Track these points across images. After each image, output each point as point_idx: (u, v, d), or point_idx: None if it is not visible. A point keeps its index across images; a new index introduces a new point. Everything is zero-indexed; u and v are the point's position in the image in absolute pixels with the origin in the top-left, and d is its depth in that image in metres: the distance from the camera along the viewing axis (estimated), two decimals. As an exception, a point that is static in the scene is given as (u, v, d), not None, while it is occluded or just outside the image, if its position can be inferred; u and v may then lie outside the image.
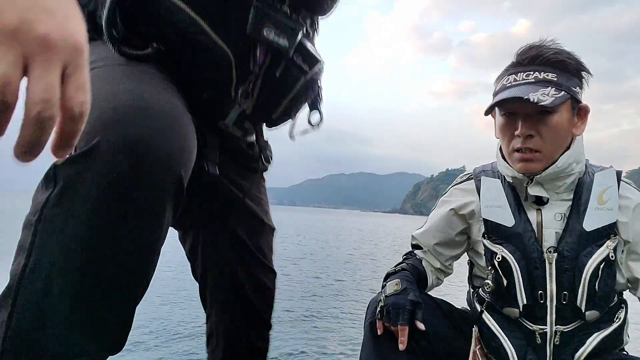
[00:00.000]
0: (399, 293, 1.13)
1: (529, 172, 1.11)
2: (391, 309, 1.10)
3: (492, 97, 1.16)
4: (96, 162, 0.55)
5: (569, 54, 1.09)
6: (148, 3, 0.72)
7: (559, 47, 1.10)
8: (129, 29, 0.73)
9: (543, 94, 1.03)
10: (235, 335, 1.20)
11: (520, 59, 1.12)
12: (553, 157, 1.10)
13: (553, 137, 1.08)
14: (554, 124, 1.07)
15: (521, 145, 1.09)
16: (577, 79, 1.09)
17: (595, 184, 1.13)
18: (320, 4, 0.93)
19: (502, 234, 1.17)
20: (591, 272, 1.07)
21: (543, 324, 1.13)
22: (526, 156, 1.09)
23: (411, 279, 1.20)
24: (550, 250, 1.11)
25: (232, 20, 0.78)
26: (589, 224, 1.10)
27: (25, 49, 0.35)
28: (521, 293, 1.13)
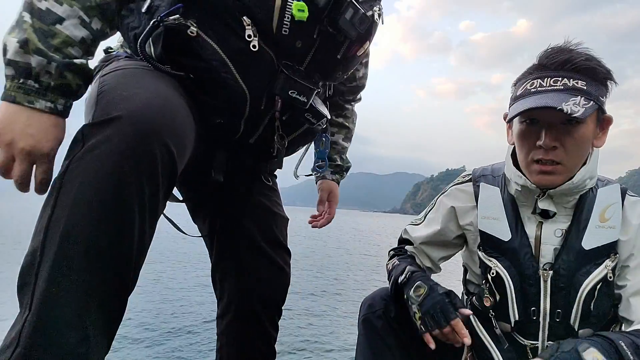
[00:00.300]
0: (428, 294, 1.05)
1: (548, 185, 1.05)
2: (433, 312, 1.02)
3: (511, 100, 1.08)
4: (116, 128, 0.69)
5: (599, 62, 1.01)
6: (191, 40, 0.87)
7: (588, 52, 1.02)
8: (166, 54, 0.88)
9: (575, 104, 0.94)
10: (247, 318, 1.23)
11: (547, 62, 1.02)
12: (573, 170, 1.03)
13: (577, 149, 1.01)
14: (579, 136, 1.00)
15: (543, 156, 1.01)
16: (604, 88, 1.02)
17: (598, 200, 1.07)
18: (332, 73, 1.08)
19: (498, 248, 1.13)
20: (587, 292, 1.04)
21: (535, 339, 1.10)
22: (546, 168, 1.02)
23: (425, 275, 1.14)
24: (546, 268, 1.08)
25: (256, 70, 0.94)
26: (589, 242, 1.05)
27: (14, 152, 0.74)
28: (513, 309, 1.10)
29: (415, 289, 1.07)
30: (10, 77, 0.73)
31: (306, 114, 1.04)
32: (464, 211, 1.24)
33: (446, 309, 1.01)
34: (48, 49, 0.74)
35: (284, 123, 1.06)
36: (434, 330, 1.02)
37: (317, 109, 1.05)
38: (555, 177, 1.03)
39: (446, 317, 1.01)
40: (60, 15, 0.76)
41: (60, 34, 0.76)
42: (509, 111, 1.06)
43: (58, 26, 0.76)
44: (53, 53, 0.74)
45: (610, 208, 1.06)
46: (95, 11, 0.81)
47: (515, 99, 1.06)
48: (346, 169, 1.61)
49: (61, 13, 0.76)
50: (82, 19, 0.79)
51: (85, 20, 0.79)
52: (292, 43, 0.94)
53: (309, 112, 1.04)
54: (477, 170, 1.26)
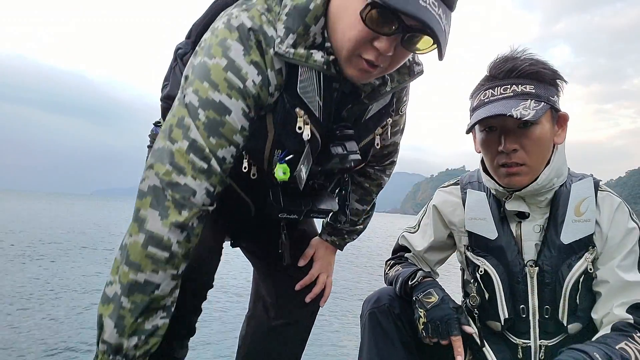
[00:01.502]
0: (438, 304, 1.08)
1: (518, 186, 1.09)
2: (439, 322, 1.05)
3: (470, 112, 1.14)
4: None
5: (544, 64, 1.07)
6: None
7: (532, 56, 1.08)
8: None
9: (524, 108, 1.00)
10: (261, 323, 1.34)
11: (496, 72, 1.09)
12: (539, 169, 1.08)
13: (537, 149, 1.06)
14: (536, 136, 1.05)
15: (506, 160, 1.06)
16: (554, 88, 1.07)
17: (572, 195, 1.11)
18: (333, 176, 1.15)
19: (485, 247, 1.16)
20: (571, 285, 1.06)
21: (527, 338, 1.12)
22: (512, 170, 1.07)
23: (438, 284, 1.17)
24: (531, 264, 1.10)
25: (257, 190, 1.08)
26: (567, 236, 1.08)
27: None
28: (502, 307, 1.12)
29: (427, 295, 1.10)
30: (102, 352, 0.82)
31: (310, 214, 1.11)
32: (449, 209, 1.28)
33: (451, 324, 1.04)
34: (142, 333, 0.82)
35: (288, 222, 1.19)
36: (434, 339, 1.06)
37: (318, 209, 1.09)
38: (522, 177, 1.07)
39: (449, 331, 1.04)
40: (157, 283, 0.82)
41: (157, 297, 0.83)
42: (469, 122, 1.11)
43: (156, 292, 0.82)
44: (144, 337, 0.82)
45: (584, 202, 1.10)
46: (184, 260, 0.87)
47: (472, 110, 1.12)
48: (351, 233, 1.35)
49: (159, 281, 0.82)
50: (173, 275, 0.85)
51: (175, 273, 0.85)
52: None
53: (310, 215, 1.11)
54: (464, 177, 1.30)
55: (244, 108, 0.82)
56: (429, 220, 1.33)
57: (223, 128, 0.81)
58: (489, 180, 1.15)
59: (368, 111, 0.98)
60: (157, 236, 0.80)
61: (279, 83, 0.85)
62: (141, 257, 0.79)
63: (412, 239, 1.35)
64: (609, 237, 1.07)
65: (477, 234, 1.18)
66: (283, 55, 0.80)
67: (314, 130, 0.90)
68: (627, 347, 0.94)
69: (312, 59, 0.82)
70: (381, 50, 0.77)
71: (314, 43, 0.83)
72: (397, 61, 0.84)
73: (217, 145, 0.81)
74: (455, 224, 1.26)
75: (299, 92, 0.85)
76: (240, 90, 0.81)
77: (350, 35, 0.78)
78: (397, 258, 1.36)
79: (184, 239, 0.82)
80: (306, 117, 0.86)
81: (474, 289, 1.17)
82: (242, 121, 0.83)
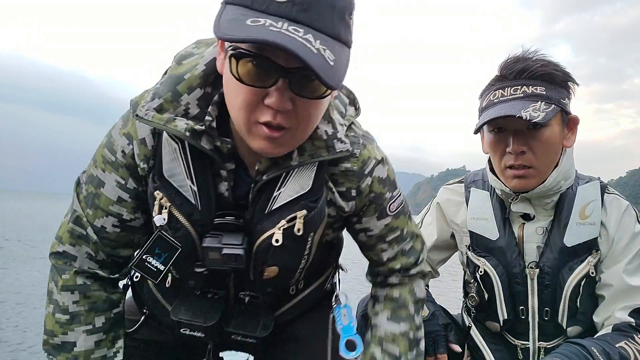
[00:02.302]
0: (428, 319, 1.07)
1: (524, 188, 1.07)
2: (426, 337, 1.02)
3: (479, 112, 1.12)
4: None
5: (556, 65, 1.05)
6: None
7: (544, 57, 1.06)
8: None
9: (534, 110, 0.99)
10: None
11: (506, 73, 1.07)
12: (546, 172, 1.06)
13: (545, 151, 1.04)
14: (545, 139, 1.03)
15: (514, 162, 1.05)
16: (565, 90, 1.06)
17: (578, 197, 1.09)
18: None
19: (486, 247, 1.16)
20: (572, 288, 1.05)
21: (526, 339, 1.12)
22: (519, 173, 1.05)
23: (431, 297, 1.16)
24: (532, 266, 1.09)
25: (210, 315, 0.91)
26: (570, 239, 1.07)
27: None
28: (502, 308, 1.12)
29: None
30: None
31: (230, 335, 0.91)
32: (452, 208, 1.27)
33: (439, 341, 1.04)
34: None
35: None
36: None
37: (230, 330, 0.90)
38: (528, 180, 1.06)
39: (435, 348, 1.03)
40: (73, 341, 0.85)
41: (79, 353, 0.85)
42: (478, 122, 1.10)
43: (75, 349, 0.85)
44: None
45: (590, 205, 1.08)
46: (92, 314, 0.87)
47: (481, 110, 1.10)
48: None
49: (73, 339, 0.85)
50: (87, 330, 0.87)
51: (90, 328, 0.87)
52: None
53: (228, 336, 0.92)
54: (469, 175, 1.29)
55: (118, 179, 0.83)
56: (432, 219, 1.32)
57: (98, 200, 0.84)
58: (496, 180, 1.14)
59: (274, 199, 0.80)
60: (55, 301, 0.87)
61: (143, 153, 0.80)
62: (52, 324, 0.86)
63: None
64: (615, 240, 1.06)
65: (478, 233, 1.18)
66: (142, 118, 0.74)
67: (181, 218, 0.79)
68: (626, 346, 0.94)
69: (173, 124, 0.73)
70: (274, 106, 0.66)
71: (186, 113, 0.75)
72: (308, 118, 0.71)
73: (93, 216, 0.85)
74: (457, 224, 1.25)
75: (164, 174, 0.78)
76: (112, 163, 0.83)
77: (237, 102, 0.68)
78: None
79: (80, 298, 0.87)
80: (165, 201, 0.78)
81: (473, 289, 1.17)
82: (117, 192, 0.84)
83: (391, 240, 0.95)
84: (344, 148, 0.81)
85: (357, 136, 0.86)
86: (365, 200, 0.89)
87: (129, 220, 0.86)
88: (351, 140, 0.84)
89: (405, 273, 0.98)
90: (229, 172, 0.80)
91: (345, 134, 0.83)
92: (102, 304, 0.89)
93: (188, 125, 0.74)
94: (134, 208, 0.85)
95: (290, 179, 0.80)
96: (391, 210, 0.92)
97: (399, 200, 0.93)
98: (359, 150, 0.85)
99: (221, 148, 0.78)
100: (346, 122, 0.85)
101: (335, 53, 0.63)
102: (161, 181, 0.78)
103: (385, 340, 0.93)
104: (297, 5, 0.62)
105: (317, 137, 0.79)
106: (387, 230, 0.93)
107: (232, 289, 0.91)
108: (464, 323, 1.24)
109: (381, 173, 0.89)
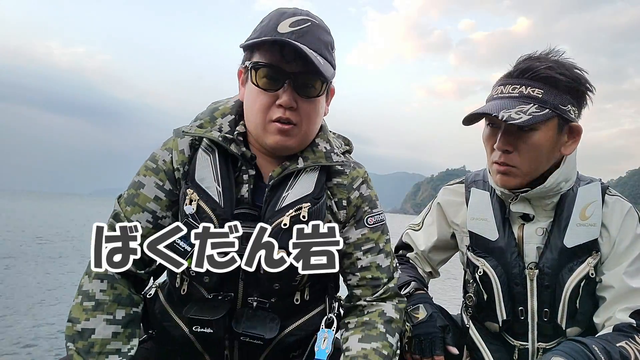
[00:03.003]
0: (426, 321, 1.07)
1: (506, 186, 1.07)
2: (423, 339, 1.04)
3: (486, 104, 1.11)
4: None
5: (567, 70, 1.02)
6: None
7: (557, 60, 1.03)
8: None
9: (519, 111, 0.97)
10: None
11: (513, 70, 1.06)
12: (532, 174, 1.06)
13: (532, 155, 1.03)
14: (533, 142, 1.02)
15: (498, 159, 1.05)
16: (568, 96, 1.03)
17: (579, 198, 1.09)
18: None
19: (485, 247, 1.15)
20: (571, 289, 1.05)
21: (525, 340, 1.11)
22: (502, 169, 1.06)
23: (430, 298, 1.16)
24: (531, 267, 1.09)
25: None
26: (570, 240, 1.06)
27: None
28: (501, 308, 1.11)
29: (416, 309, 1.09)
30: None
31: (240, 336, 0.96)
32: (453, 208, 1.27)
33: (436, 343, 1.04)
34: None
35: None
36: (416, 355, 1.04)
37: (242, 332, 0.95)
38: (509, 178, 1.06)
39: (432, 350, 1.03)
40: (92, 328, 0.90)
41: (97, 340, 0.90)
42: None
43: (93, 336, 0.90)
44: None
45: (590, 206, 1.08)
46: (114, 305, 0.93)
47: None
48: None
49: (93, 326, 0.90)
50: (107, 319, 0.92)
51: (110, 318, 0.92)
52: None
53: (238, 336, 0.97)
54: (469, 175, 1.29)
55: (157, 181, 1.00)
56: (432, 219, 1.32)
57: (138, 198, 0.99)
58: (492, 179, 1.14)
59: (284, 198, 0.96)
60: (85, 291, 0.93)
61: (180, 159, 0.99)
62: (78, 311, 0.92)
63: (416, 238, 1.34)
64: (616, 242, 1.06)
65: (478, 234, 1.17)
66: (187, 132, 0.97)
67: (206, 208, 0.93)
68: (627, 346, 0.94)
69: (210, 133, 0.96)
70: (284, 104, 0.90)
71: (220, 130, 0.98)
72: (308, 115, 0.94)
73: (131, 212, 0.98)
74: (458, 224, 1.25)
75: (196, 179, 0.96)
76: (154, 169, 1.01)
77: (256, 107, 0.92)
78: (399, 257, 1.35)
79: (107, 287, 0.94)
80: (194, 196, 0.94)
81: (473, 289, 1.17)
82: (155, 192, 0.99)
83: (366, 250, 1.05)
84: (340, 159, 1.02)
85: (349, 161, 1.08)
86: (352, 211, 1.05)
87: (161, 218, 0.99)
88: (344, 162, 1.04)
89: (376, 291, 1.04)
90: (250, 177, 0.98)
91: (340, 154, 1.05)
92: (125, 298, 0.95)
93: (221, 134, 0.97)
94: (167, 206, 1.00)
95: (297, 182, 0.98)
96: (369, 222, 1.06)
97: (377, 217, 1.08)
98: (349, 170, 1.05)
99: (245, 154, 0.98)
100: (342, 149, 1.09)
101: (324, 60, 0.91)
102: (193, 183, 0.96)
103: (357, 357, 0.94)
104: (294, 34, 0.88)
105: (319, 150, 1.02)
106: (364, 240, 1.05)
107: (241, 292, 0.99)
108: (464, 323, 1.24)
109: (364, 191, 1.07)
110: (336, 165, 1.02)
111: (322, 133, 1.05)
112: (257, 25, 0.95)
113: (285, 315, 1.01)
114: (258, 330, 0.95)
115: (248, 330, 0.95)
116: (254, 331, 0.95)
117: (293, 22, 0.90)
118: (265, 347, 1.01)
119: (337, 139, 1.12)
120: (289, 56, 0.89)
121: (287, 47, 0.87)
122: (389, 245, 1.09)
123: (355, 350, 0.95)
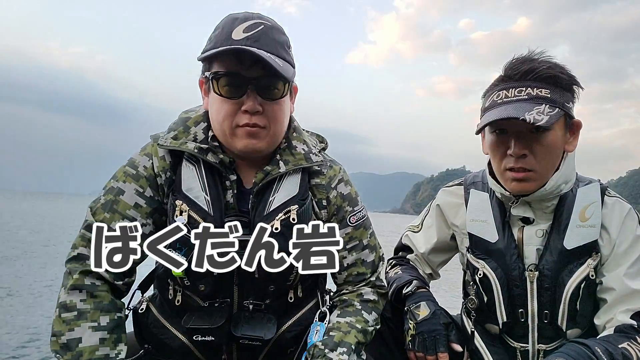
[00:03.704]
0: (429, 318, 1.07)
1: (523, 191, 1.06)
2: (427, 336, 1.04)
3: (481, 112, 1.10)
4: None
5: (562, 68, 1.03)
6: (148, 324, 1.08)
7: (550, 59, 1.04)
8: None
9: (538, 112, 0.97)
10: None
11: (512, 73, 1.04)
12: (547, 176, 1.05)
13: (547, 155, 1.03)
14: (548, 142, 1.01)
15: (514, 164, 1.03)
16: (569, 94, 1.04)
17: (578, 200, 1.08)
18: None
19: (485, 249, 1.15)
20: (572, 291, 1.05)
21: (525, 342, 1.11)
22: (519, 176, 1.04)
23: (432, 296, 1.15)
24: (531, 269, 1.08)
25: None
26: (570, 241, 1.06)
27: None
28: (501, 310, 1.11)
29: (418, 307, 1.09)
30: None
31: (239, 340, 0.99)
32: (452, 209, 1.26)
33: (439, 340, 1.04)
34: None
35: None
36: (419, 352, 1.05)
37: (241, 335, 0.98)
38: (528, 183, 1.04)
39: (436, 347, 1.03)
40: (78, 337, 0.89)
41: (84, 349, 0.89)
42: (480, 122, 1.08)
43: (80, 345, 0.89)
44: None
45: (590, 207, 1.07)
46: (97, 312, 0.92)
47: (484, 110, 1.08)
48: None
49: (79, 335, 0.89)
50: (92, 326, 0.90)
51: (95, 325, 0.91)
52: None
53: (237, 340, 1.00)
54: (468, 177, 1.28)
55: (137, 188, 0.99)
56: (432, 221, 1.31)
57: (117, 205, 0.97)
58: (495, 184, 1.13)
59: (270, 203, 0.98)
60: (63, 303, 0.92)
61: (162, 165, 0.99)
62: (59, 325, 0.90)
63: (416, 240, 1.33)
64: (617, 244, 1.05)
65: (478, 235, 1.17)
66: (162, 145, 0.98)
67: (197, 218, 0.94)
68: (629, 347, 0.94)
69: (185, 146, 0.97)
70: (250, 110, 0.91)
71: (195, 139, 0.99)
72: (275, 117, 0.95)
73: (110, 219, 0.95)
74: (457, 225, 1.25)
75: (182, 189, 0.96)
76: (134, 175, 0.99)
77: (221, 115, 0.93)
78: (399, 259, 1.35)
79: (87, 296, 0.92)
80: (184, 207, 0.94)
81: (473, 291, 1.16)
82: (135, 199, 0.98)
83: (350, 248, 1.10)
84: (319, 159, 1.05)
85: (326, 160, 1.10)
86: (333, 210, 1.08)
87: (141, 226, 0.95)
88: (322, 162, 1.06)
89: (358, 282, 1.12)
90: (232, 182, 0.99)
91: (317, 153, 1.07)
92: (107, 304, 0.94)
93: (196, 144, 0.98)
94: (147, 214, 0.99)
95: (281, 186, 1.00)
96: (351, 222, 1.09)
97: (359, 215, 1.11)
98: (326, 170, 1.08)
99: (223, 160, 0.98)
100: (318, 147, 1.11)
101: (283, 61, 0.91)
102: (180, 194, 0.96)
103: (332, 329, 1.03)
104: (249, 40, 0.89)
105: (297, 152, 1.03)
106: (348, 239, 1.09)
107: (236, 296, 1.00)
108: (464, 324, 1.24)
109: (344, 190, 1.09)
110: (314, 166, 1.04)
111: (297, 135, 1.06)
112: (211, 33, 0.96)
113: (280, 314, 1.04)
114: (257, 332, 0.97)
115: (247, 333, 0.97)
116: (253, 333, 0.97)
117: (246, 28, 0.91)
118: (264, 347, 1.03)
119: (312, 137, 1.13)
120: (247, 62, 0.90)
121: (244, 54, 0.88)
122: (373, 238, 1.15)
123: (331, 323, 1.05)
